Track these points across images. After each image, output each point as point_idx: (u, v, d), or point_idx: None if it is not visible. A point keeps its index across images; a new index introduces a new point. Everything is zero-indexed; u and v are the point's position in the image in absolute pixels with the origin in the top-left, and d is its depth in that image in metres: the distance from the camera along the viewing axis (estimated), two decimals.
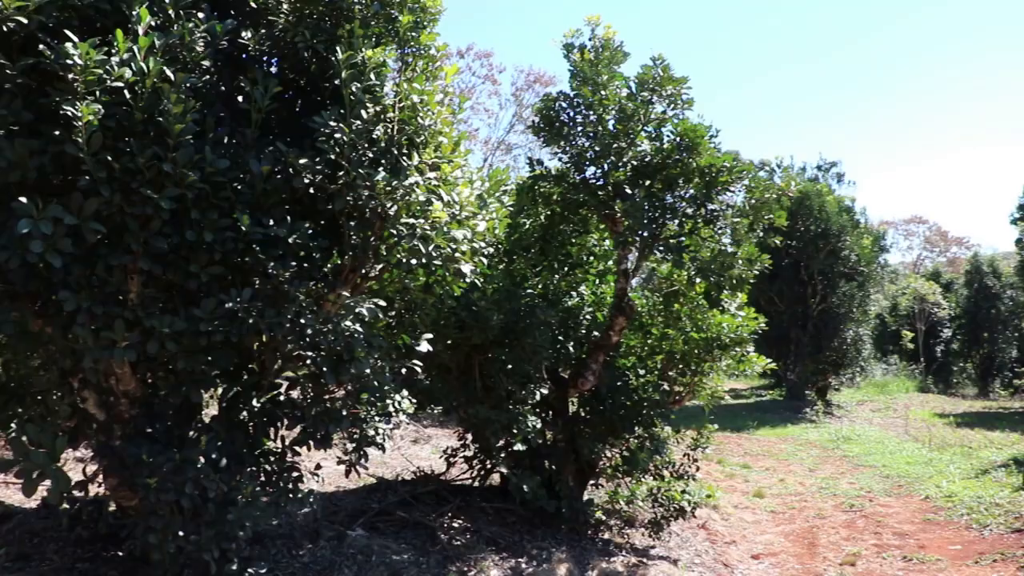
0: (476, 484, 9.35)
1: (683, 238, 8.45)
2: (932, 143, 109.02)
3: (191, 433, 5.35)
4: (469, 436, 9.03)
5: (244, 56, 5.43)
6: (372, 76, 5.27)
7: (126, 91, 4.30)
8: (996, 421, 26.21)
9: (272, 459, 5.70)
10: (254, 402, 5.57)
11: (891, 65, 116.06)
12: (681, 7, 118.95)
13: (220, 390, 5.63)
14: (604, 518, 9.60)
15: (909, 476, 15.07)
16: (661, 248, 8.52)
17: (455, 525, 8.27)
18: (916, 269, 61.39)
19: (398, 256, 5.68)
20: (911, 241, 68.87)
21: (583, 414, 9.36)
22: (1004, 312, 39.36)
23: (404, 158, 5.50)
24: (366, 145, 5.26)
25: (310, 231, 5.10)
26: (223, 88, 5.24)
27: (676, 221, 8.57)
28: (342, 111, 5.15)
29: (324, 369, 5.31)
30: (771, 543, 10.48)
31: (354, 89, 5.15)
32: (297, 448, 5.77)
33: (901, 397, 32.87)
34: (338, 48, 5.08)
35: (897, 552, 9.79)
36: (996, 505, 11.12)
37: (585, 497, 9.45)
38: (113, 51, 4.28)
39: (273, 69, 5.59)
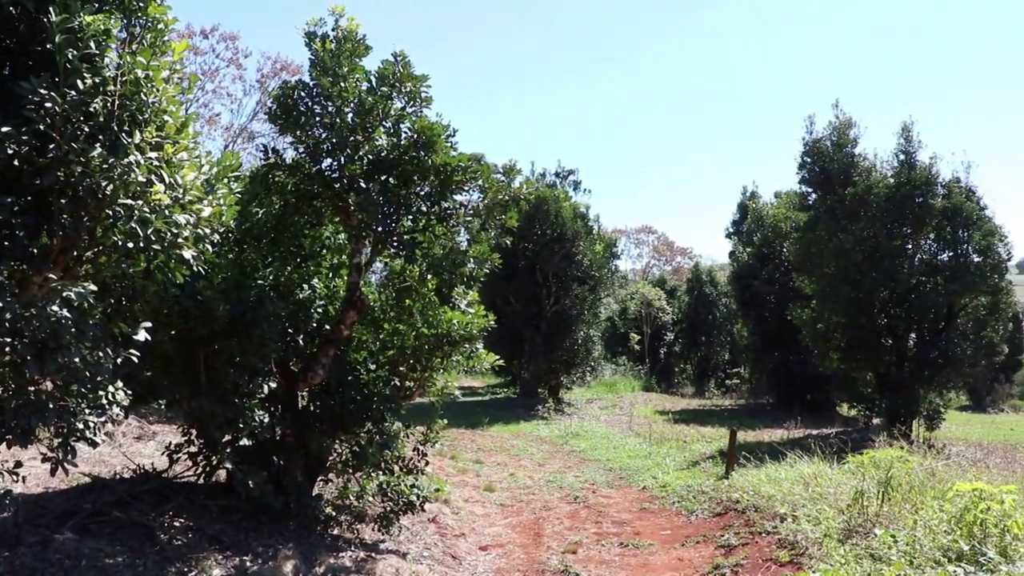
0: (201, 481, 8.98)
1: (417, 234, 8.61)
2: (665, 160, 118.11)
3: None
4: (194, 431, 8.66)
5: None
6: (92, 44, 4.95)
7: None
8: (709, 417, 28.94)
9: None
10: None
11: (639, 91, 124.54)
12: (436, 11, 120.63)
13: None
14: (334, 513, 9.58)
15: (630, 469, 16.30)
16: (395, 243, 8.64)
17: (176, 524, 7.92)
18: (645, 276, 66.05)
19: (114, 239, 5.37)
20: (641, 249, 74.34)
21: (313, 408, 9.28)
22: (719, 318, 43.57)
23: (124, 135, 5.21)
24: (82, 118, 4.95)
25: (14, 207, 4.71)
26: None
27: (410, 217, 8.73)
28: (55, 79, 4.80)
29: (27, 357, 4.92)
30: (499, 535, 10.91)
31: (70, 56, 4.81)
32: None
33: (628, 395, 35.37)
34: (52, 9, 4.73)
35: (615, 539, 10.55)
36: (703, 493, 12.26)
37: (314, 492, 9.39)
38: None
39: None
